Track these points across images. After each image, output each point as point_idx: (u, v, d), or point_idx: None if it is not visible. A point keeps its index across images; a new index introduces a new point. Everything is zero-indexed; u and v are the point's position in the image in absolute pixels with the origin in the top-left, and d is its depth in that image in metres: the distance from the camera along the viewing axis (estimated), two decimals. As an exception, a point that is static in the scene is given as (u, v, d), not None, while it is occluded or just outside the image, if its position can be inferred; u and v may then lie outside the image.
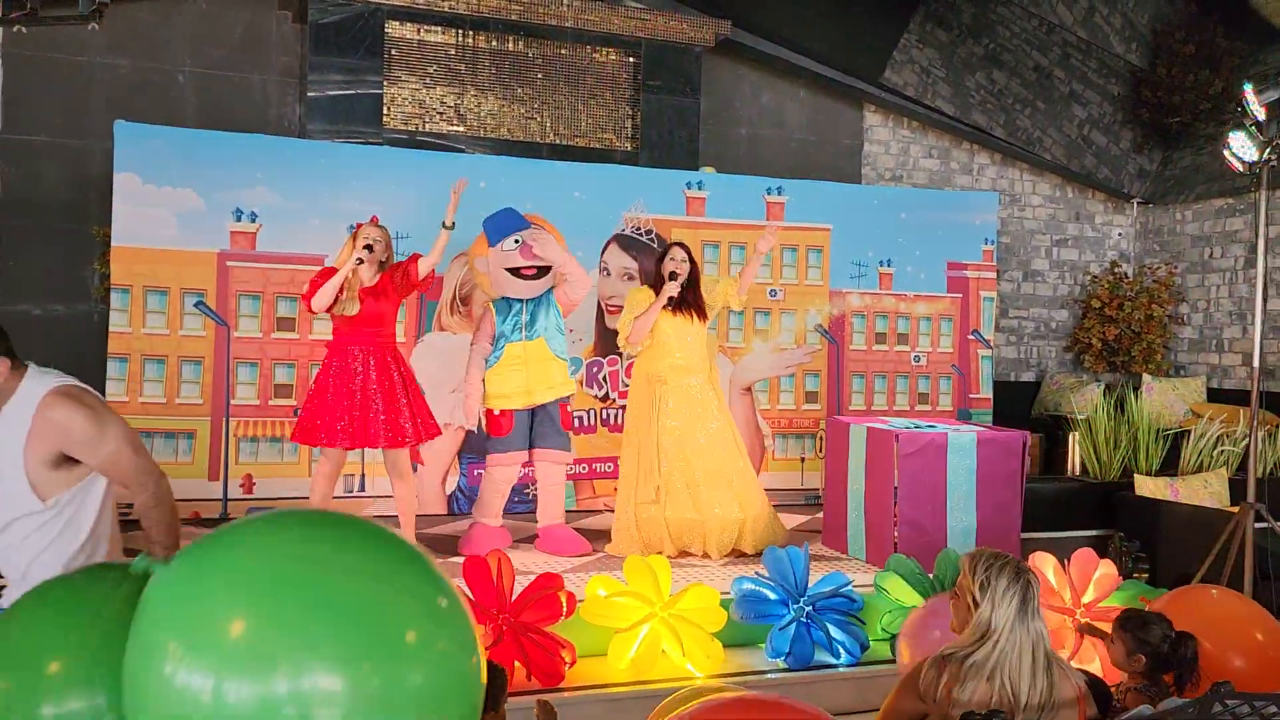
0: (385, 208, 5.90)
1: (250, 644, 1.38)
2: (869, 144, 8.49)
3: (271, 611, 1.40)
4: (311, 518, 1.60)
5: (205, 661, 1.37)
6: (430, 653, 1.47)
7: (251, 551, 1.49)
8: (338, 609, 1.41)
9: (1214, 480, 6.08)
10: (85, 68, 6.65)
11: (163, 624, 1.44)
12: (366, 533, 1.56)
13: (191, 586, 1.45)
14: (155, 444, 5.57)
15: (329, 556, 1.48)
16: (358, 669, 1.39)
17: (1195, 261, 8.66)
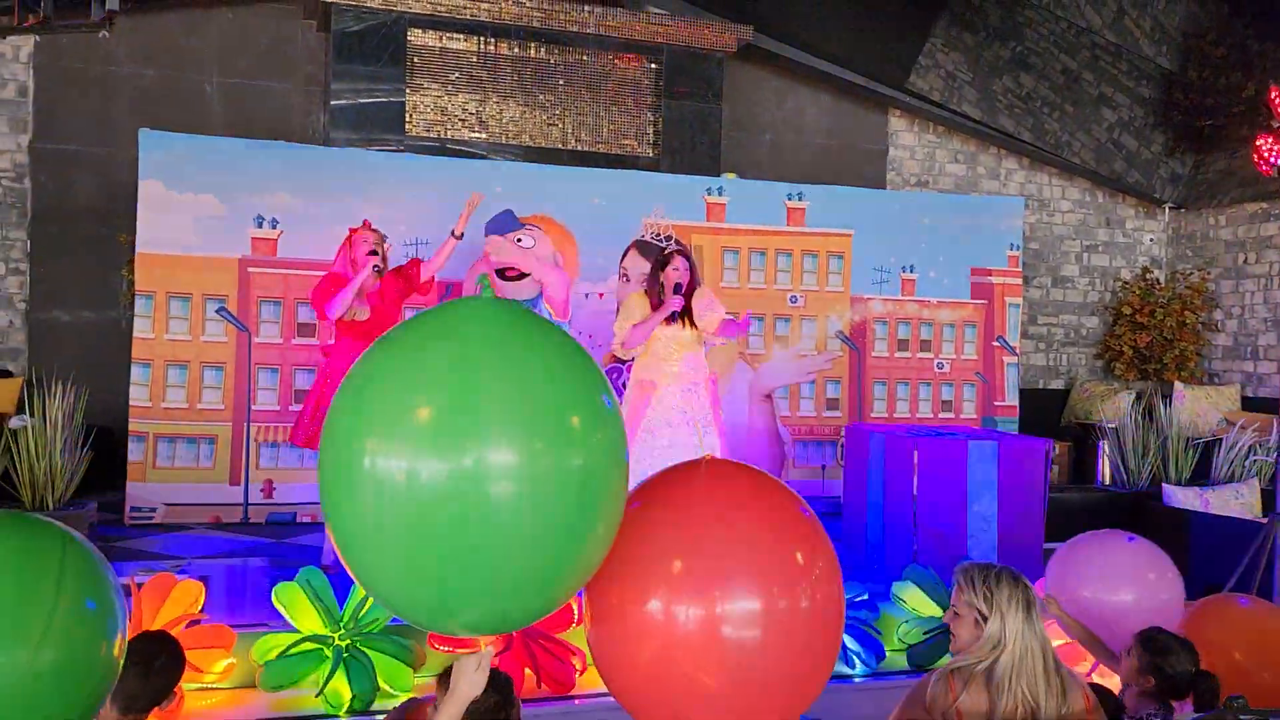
0: (407, 214, 5.95)
1: (437, 427, 1.61)
2: (894, 149, 8.43)
3: (454, 398, 1.62)
4: (485, 311, 1.77)
5: (399, 446, 1.60)
6: (590, 439, 1.72)
7: (435, 343, 1.70)
8: (513, 395, 1.64)
9: (1246, 490, 5.95)
10: (113, 78, 6.75)
11: (359, 417, 1.67)
12: (542, 328, 1.80)
13: (380, 380, 1.68)
14: (177, 449, 5.63)
15: (506, 347, 1.69)
16: (530, 447, 1.63)
17: (1229, 267, 8.50)
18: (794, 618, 1.88)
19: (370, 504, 1.64)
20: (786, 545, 1.96)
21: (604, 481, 1.75)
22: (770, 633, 1.85)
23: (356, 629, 3.60)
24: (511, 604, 1.74)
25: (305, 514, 5.78)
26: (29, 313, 6.60)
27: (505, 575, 1.68)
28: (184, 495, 5.61)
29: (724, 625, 1.83)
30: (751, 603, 1.85)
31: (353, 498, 1.66)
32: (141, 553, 4.95)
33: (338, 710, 3.45)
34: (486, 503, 1.61)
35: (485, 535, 1.63)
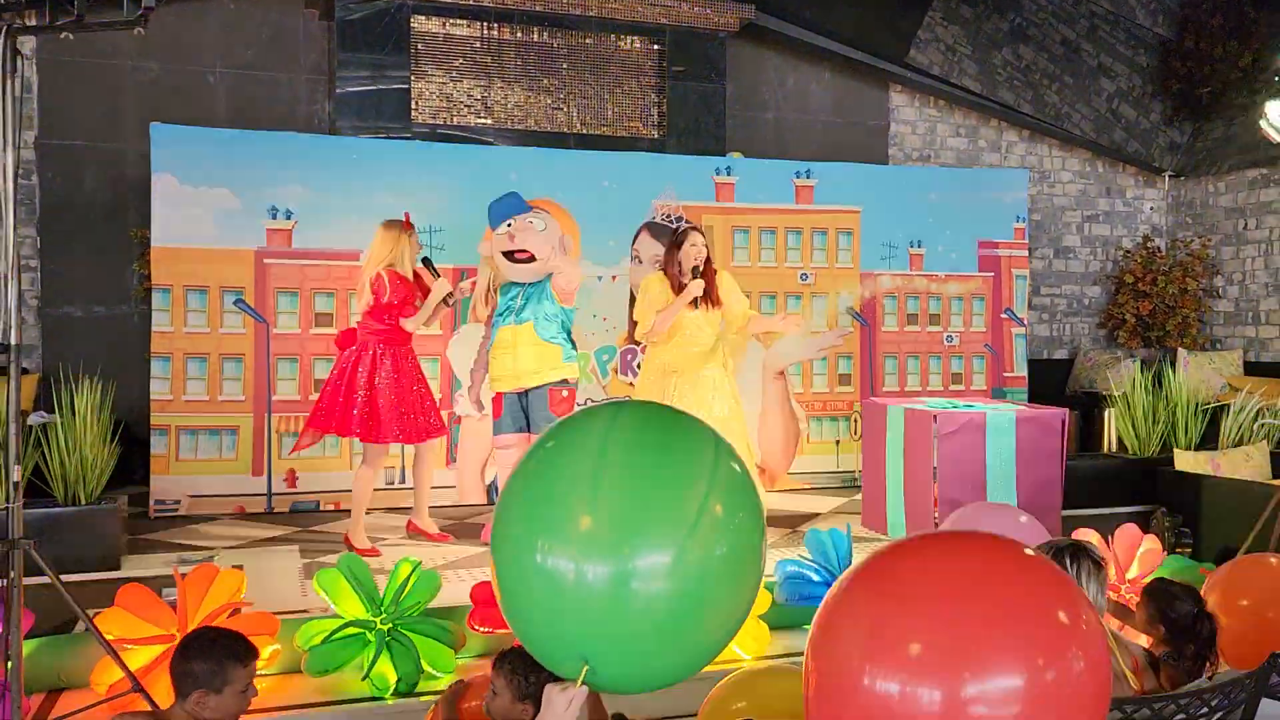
0: (416, 202, 5.95)
1: (596, 534, 1.74)
2: (895, 124, 8.46)
3: (611, 509, 1.76)
4: (627, 420, 1.90)
5: (565, 549, 1.74)
6: (730, 526, 1.82)
7: (589, 459, 1.83)
8: (660, 500, 1.77)
9: (1255, 454, 6.02)
10: (117, 71, 6.73)
11: (529, 525, 1.81)
12: (677, 427, 1.92)
13: (547, 494, 1.82)
14: (199, 441, 5.67)
15: (648, 455, 1.82)
16: (680, 546, 1.75)
17: (1229, 234, 8.57)
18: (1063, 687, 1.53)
19: (540, 593, 1.80)
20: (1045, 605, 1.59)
21: (748, 555, 1.87)
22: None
23: (398, 613, 3.65)
24: (660, 675, 1.89)
25: (329, 502, 5.83)
26: (41, 309, 6.61)
27: (656, 654, 1.82)
28: (207, 487, 5.65)
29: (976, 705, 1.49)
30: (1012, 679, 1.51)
31: (526, 587, 1.82)
32: (170, 545, 4.99)
33: (384, 693, 3.50)
34: (642, 597, 1.75)
35: (639, 623, 1.77)
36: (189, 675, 2.40)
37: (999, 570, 1.61)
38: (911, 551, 1.71)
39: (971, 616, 1.52)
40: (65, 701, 3.41)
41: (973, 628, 1.51)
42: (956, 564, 1.62)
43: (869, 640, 1.56)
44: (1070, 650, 1.52)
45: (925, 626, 1.53)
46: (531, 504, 1.83)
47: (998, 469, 5.08)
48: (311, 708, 3.47)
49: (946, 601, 1.54)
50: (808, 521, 5.58)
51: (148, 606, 3.45)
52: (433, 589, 3.75)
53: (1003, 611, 1.53)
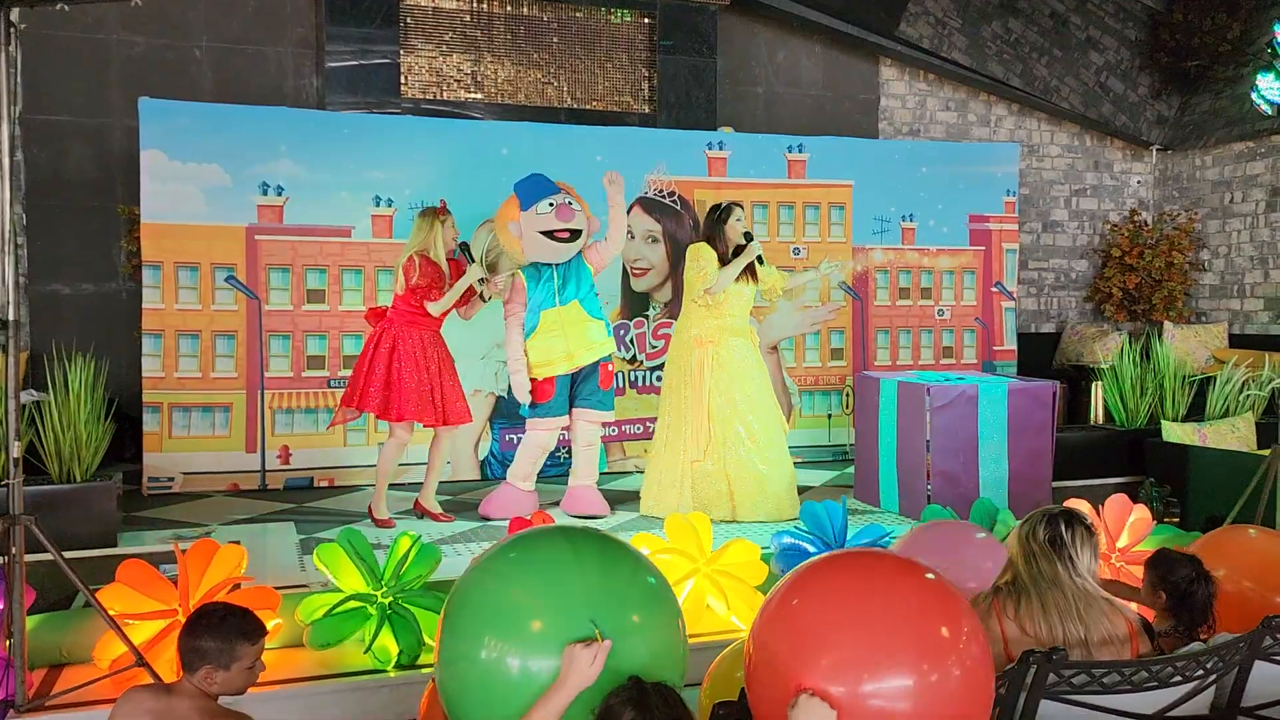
0: (408, 176, 5.95)
1: (544, 634, 2.01)
2: (885, 98, 8.45)
3: (557, 612, 2.03)
4: (567, 542, 2.20)
5: (515, 648, 2.01)
6: (648, 627, 2.11)
7: (538, 570, 2.14)
8: (596, 604, 2.05)
9: (1241, 425, 6.10)
10: (102, 46, 6.65)
11: (480, 623, 2.09)
12: (603, 545, 2.22)
13: (497, 599, 2.11)
14: (192, 418, 5.66)
15: (585, 571, 2.11)
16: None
17: (1215, 207, 8.62)
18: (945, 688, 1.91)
19: (486, 686, 2.06)
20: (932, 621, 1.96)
21: (667, 641, 2.16)
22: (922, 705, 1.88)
23: (398, 586, 3.67)
24: None
25: (322, 478, 5.83)
26: (28, 286, 6.55)
27: None
28: (201, 464, 5.64)
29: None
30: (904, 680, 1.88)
31: (473, 681, 2.08)
32: (166, 521, 4.99)
33: (386, 665, 3.53)
34: None
35: None
36: (198, 651, 2.41)
37: (899, 590, 1.96)
38: (836, 569, 2.07)
39: (873, 628, 1.88)
40: (68, 676, 3.43)
41: (873, 637, 1.87)
42: (867, 583, 1.98)
43: (793, 640, 1.92)
44: (950, 659, 1.88)
45: (837, 635, 1.89)
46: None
47: (989, 441, 5.13)
48: (314, 680, 3.49)
49: (855, 614, 1.91)
50: (802, 495, 5.62)
51: (149, 582, 3.46)
52: (432, 563, 3.77)
53: (899, 625, 1.89)
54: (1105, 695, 2.34)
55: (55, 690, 3.32)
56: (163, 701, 2.36)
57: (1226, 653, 2.46)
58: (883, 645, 1.85)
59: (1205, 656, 2.42)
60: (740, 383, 5.07)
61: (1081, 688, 2.31)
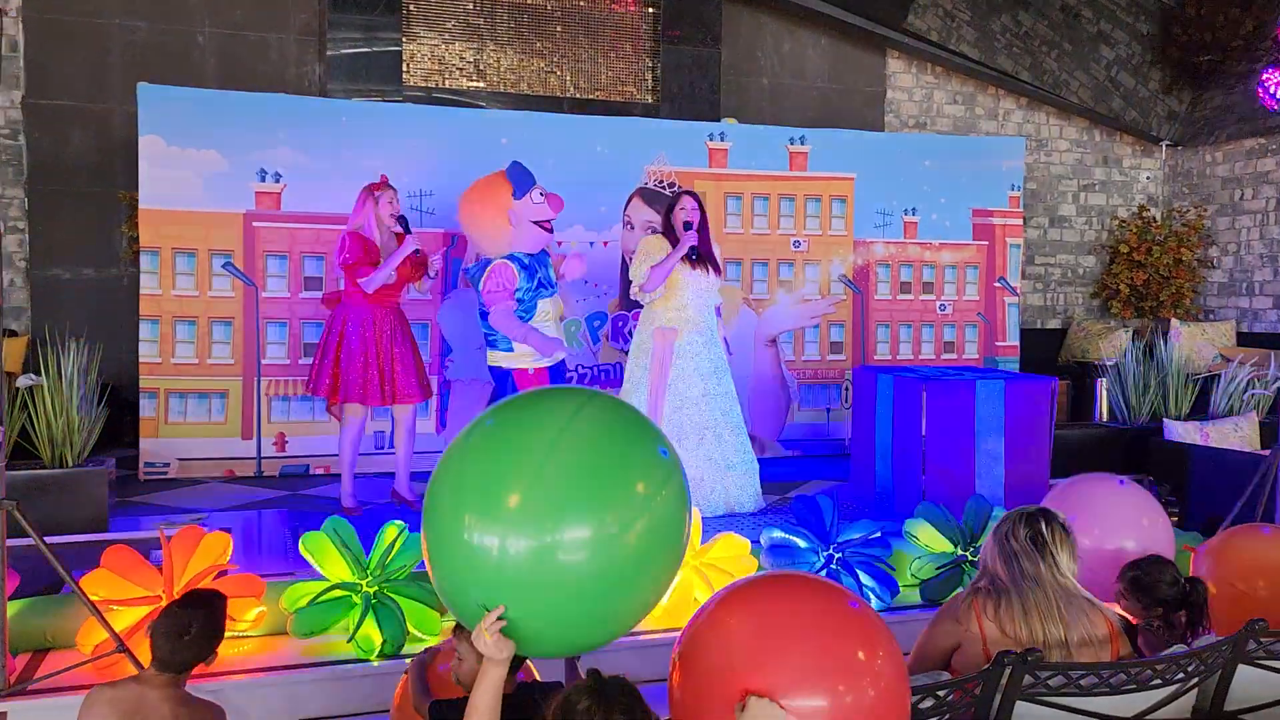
0: (407, 165, 5.92)
1: (523, 510, 1.92)
2: (892, 91, 8.39)
3: (538, 485, 1.93)
4: (557, 403, 2.08)
5: (493, 526, 1.92)
6: (654, 501, 2.02)
7: (519, 439, 2.01)
8: (585, 476, 1.96)
9: (1244, 424, 6.04)
10: (105, 30, 6.65)
11: (460, 500, 2.00)
12: (600, 405, 2.08)
13: (477, 471, 2.00)
14: (188, 404, 5.66)
15: (576, 435, 1.99)
16: (601, 519, 1.94)
17: (1225, 204, 8.53)
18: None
19: (466, 566, 2.00)
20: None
21: (671, 528, 2.08)
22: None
23: (384, 575, 3.66)
24: (583, 640, 2.12)
25: (318, 466, 5.83)
26: (30, 271, 6.57)
27: (579, 623, 2.04)
28: (197, 450, 5.65)
29: None
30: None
31: (453, 559, 2.02)
32: (159, 507, 5.00)
33: (369, 655, 3.52)
34: (567, 570, 1.95)
35: (562, 593, 1.96)
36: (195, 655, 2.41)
37: (820, 614, 2.02)
38: (762, 592, 2.12)
39: (792, 649, 1.95)
40: (51, 661, 3.42)
41: (793, 658, 1.93)
42: (789, 606, 2.03)
43: (719, 658, 1.98)
44: (866, 681, 1.94)
45: (759, 656, 1.94)
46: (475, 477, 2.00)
47: (986, 437, 5.08)
48: (297, 669, 3.48)
49: (776, 637, 1.97)
50: (797, 489, 5.60)
51: (133, 568, 3.46)
52: (419, 552, 3.75)
53: (816, 647, 1.95)
54: (1083, 698, 2.31)
55: (38, 675, 3.31)
56: (131, 693, 2.35)
57: (1208, 656, 2.42)
58: (808, 664, 1.92)
59: (1186, 660, 2.38)
60: (700, 376, 5.00)
61: (1058, 690, 2.28)
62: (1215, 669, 2.46)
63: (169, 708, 2.33)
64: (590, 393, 2.18)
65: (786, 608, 2.01)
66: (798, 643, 1.94)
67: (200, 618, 2.42)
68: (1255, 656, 2.48)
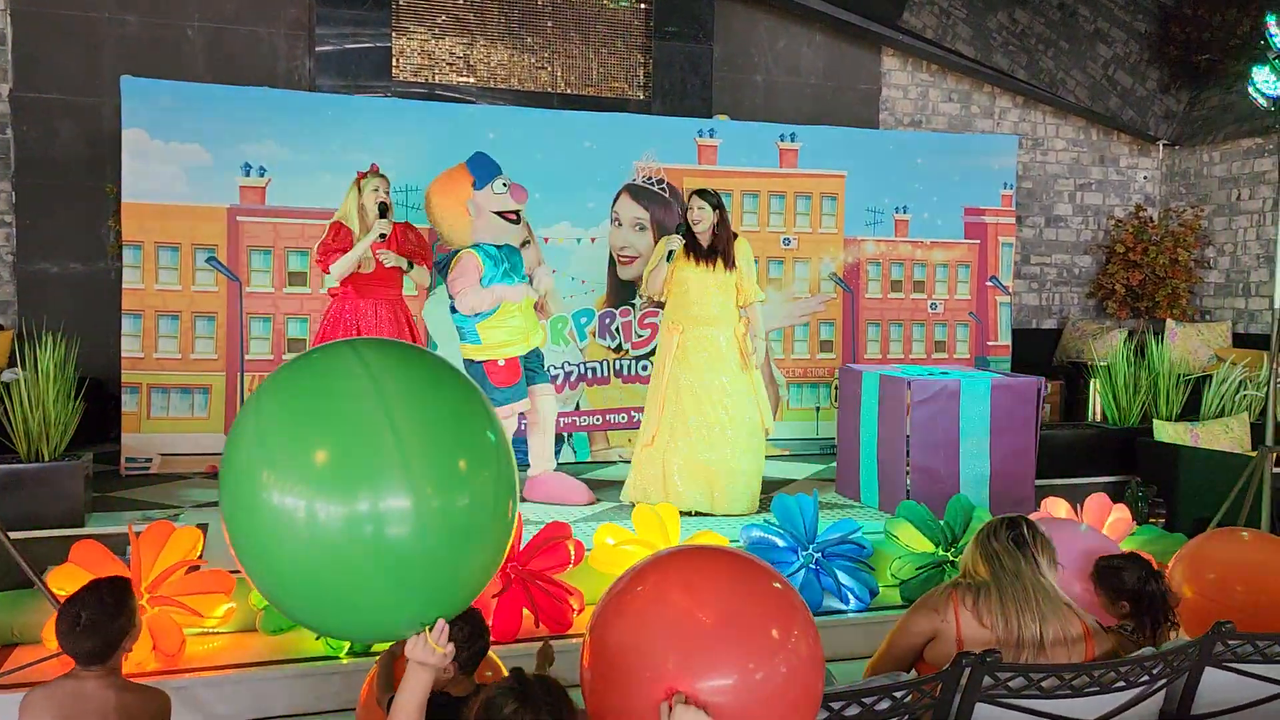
0: (395, 160, 5.87)
1: (333, 471, 1.69)
2: (887, 89, 8.34)
3: (351, 443, 1.71)
4: (380, 355, 1.85)
5: (297, 488, 1.69)
6: (476, 481, 1.81)
7: (329, 387, 1.78)
8: (406, 441, 1.72)
9: (1235, 425, 5.99)
10: (94, 24, 6.63)
11: (256, 456, 1.74)
12: (431, 368, 1.88)
13: (280, 422, 1.76)
14: (171, 399, 5.64)
15: (398, 394, 1.76)
16: (421, 492, 1.72)
17: (1222, 204, 8.47)
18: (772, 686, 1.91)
19: (269, 533, 1.76)
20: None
21: (491, 515, 1.87)
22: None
23: (355, 573, 3.63)
24: (398, 625, 1.89)
25: (301, 462, 5.81)
26: (17, 265, 6.55)
27: (393, 602, 1.82)
28: (179, 445, 5.62)
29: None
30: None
31: (253, 524, 1.78)
32: (138, 502, 4.97)
33: (338, 653, 3.48)
34: (380, 543, 1.73)
35: (377, 569, 1.75)
36: (119, 635, 2.38)
37: (738, 589, 1.95)
38: (679, 564, 2.05)
39: (706, 625, 1.88)
40: (18, 657, 3.40)
41: (706, 634, 1.87)
42: (707, 581, 1.95)
43: (629, 637, 1.90)
44: (778, 659, 1.88)
45: (674, 628, 1.88)
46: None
47: (971, 437, 5.04)
48: (265, 665, 3.45)
49: (693, 610, 1.89)
50: (783, 488, 5.56)
51: (101, 563, 3.43)
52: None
53: (731, 623, 1.88)
54: (1045, 700, 2.27)
55: (4, 669, 3.29)
56: (67, 689, 2.32)
57: (1174, 658, 2.38)
58: (713, 645, 1.85)
59: (1150, 662, 2.34)
60: (700, 372, 4.97)
61: (1019, 692, 2.24)
62: (1182, 672, 2.42)
63: (111, 694, 2.31)
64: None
65: (700, 582, 1.94)
66: (710, 619, 1.88)
67: (91, 604, 2.36)
68: (1223, 659, 2.44)
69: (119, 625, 2.36)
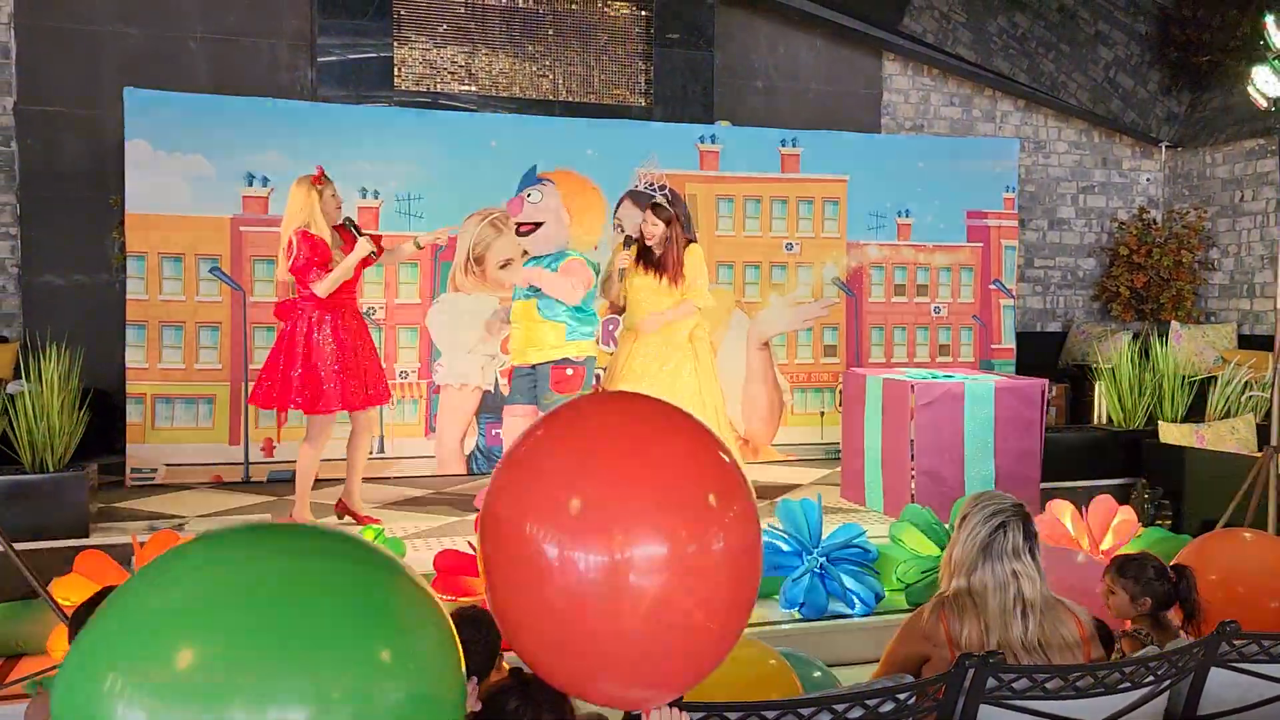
0: (394, 168, 5.91)
1: (201, 676, 1.21)
2: (888, 93, 8.35)
3: (225, 638, 1.23)
4: (264, 532, 1.47)
5: (148, 696, 1.20)
6: (407, 665, 1.33)
7: (200, 571, 1.33)
8: (302, 631, 1.25)
9: (1241, 426, 5.97)
10: (97, 36, 6.66)
11: (102, 651, 1.26)
12: (328, 543, 1.41)
13: (134, 611, 1.29)
14: (176, 410, 5.65)
15: (289, 573, 1.32)
16: (327, 696, 1.24)
17: (1225, 205, 8.46)
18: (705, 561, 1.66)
19: None
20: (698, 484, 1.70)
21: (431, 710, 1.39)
22: (677, 579, 1.62)
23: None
24: None
25: (306, 471, 5.80)
26: (22, 277, 6.57)
27: None
28: (184, 456, 5.63)
29: (629, 572, 1.59)
30: (659, 548, 1.61)
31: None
32: (143, 513, 4.98)
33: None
34: None
35: None
36: None
37: (664, 443, 1.70)
38: (597, 408, 1.82)
39: (632, 488, 1.62)
40: (23, 667, 3.41)
41: (631, 501, 1.61)
42: (629, 429, 1.70)
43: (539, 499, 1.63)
44: (714, 530, 1.63)
45: (592, 492, 1.62)
46: None
47: (976, 440, 5.03)
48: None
49: (613, 468, 1.64)
50: (788, 493, 5.55)
51: (105, 573, 3.44)
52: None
53: (660, 486, 1.63)
54: (1049, 701, 2.25)
55: (9, 679, 3.30)
56: None
57: (1179, 659, 2.37)
58: (637, 502, 1.60)
59: (1155, 663, 2.33)
60: (656, 379, 4.93)
61: (1023, 693, 2.23)
62: (1187, 672, 2.40)
63: None
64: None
65: (622, 428, 1.69)
66: (634, 471, 1.61)
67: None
68: (1228, 659, 2.43)
69: None
